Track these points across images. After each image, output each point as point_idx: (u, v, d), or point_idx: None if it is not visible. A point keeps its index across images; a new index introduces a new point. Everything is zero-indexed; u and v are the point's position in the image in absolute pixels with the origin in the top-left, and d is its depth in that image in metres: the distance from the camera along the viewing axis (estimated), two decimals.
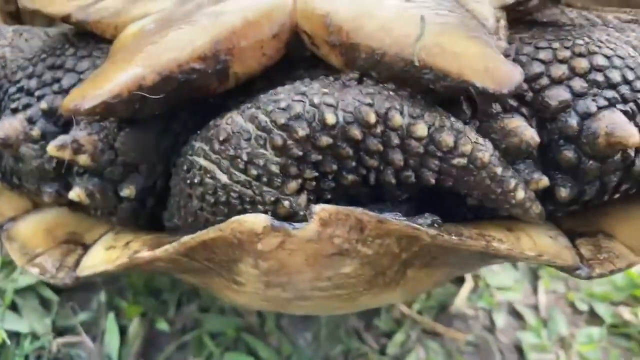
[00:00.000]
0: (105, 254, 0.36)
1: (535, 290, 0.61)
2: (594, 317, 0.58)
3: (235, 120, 0.28)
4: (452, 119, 0.30)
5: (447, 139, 0.29)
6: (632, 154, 0.30)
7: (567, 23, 0.34)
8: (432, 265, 0.32)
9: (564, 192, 0.31)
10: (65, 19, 0.35)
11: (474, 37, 0.29)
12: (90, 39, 0.36)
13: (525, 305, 0.62)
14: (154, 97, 0.28)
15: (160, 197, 0.34)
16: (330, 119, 0.28)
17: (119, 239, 0.36)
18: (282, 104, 0.29)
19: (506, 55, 0.30)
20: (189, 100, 0.30)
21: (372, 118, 0.29)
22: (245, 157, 0.29)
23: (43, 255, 0.39)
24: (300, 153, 0.29)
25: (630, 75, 0.32)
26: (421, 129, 0.29)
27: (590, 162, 0.30)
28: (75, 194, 0.33)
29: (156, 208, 0.34)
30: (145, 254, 0.31)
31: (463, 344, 0.53)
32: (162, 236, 0.35)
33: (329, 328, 0.54)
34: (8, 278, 0.55)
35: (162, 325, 0.54)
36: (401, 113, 0.29)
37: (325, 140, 0.29)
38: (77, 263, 0.38)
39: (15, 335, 0.52)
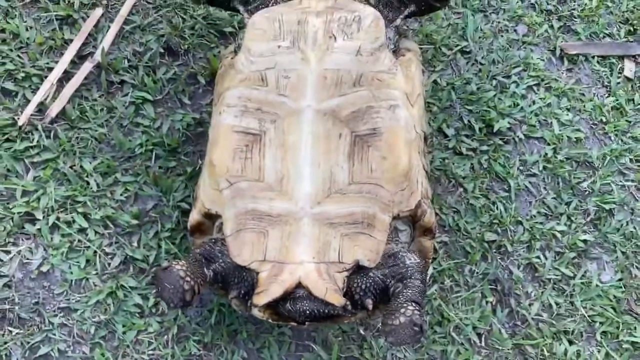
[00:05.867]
0: (258, 313, 1.28)
1: None
2: None
3: (287, 306, 1.27)
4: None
5: (327, 309, 1.27)
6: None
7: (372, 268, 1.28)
8: None
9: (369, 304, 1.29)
10: (246, 266, 1.30)
11: (336, 291, 1.25)
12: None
13: None
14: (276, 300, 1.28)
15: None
16: (307, 312, 1.20)
17: (260, 310, 1.31)
18: (298, 307, 1.23)
19: (345, 290, 1.28)
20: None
21: (315, 311, 1.20)
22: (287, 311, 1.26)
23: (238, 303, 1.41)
24: (299, 319, 1.24)
25: (375, 288, 1.26)
26: (316, 310, 1.18)
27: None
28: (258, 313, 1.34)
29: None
30: (269, 321, 1.33)
31: None
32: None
33: None
34: None
35: None
36: (318, 309, 1.24)
37: (306, 316, 1.20)
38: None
39: None
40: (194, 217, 1.38)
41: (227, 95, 1.34)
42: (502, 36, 1.97)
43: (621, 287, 1.70)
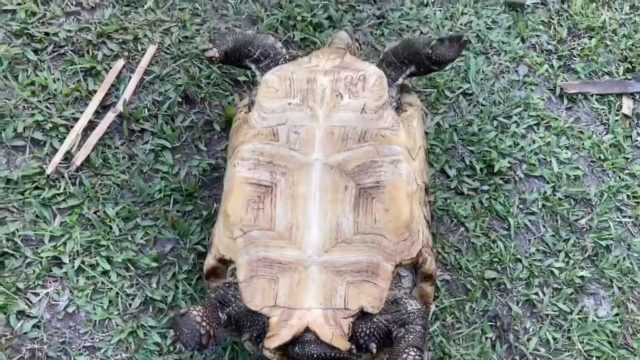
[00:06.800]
0: (270, 354, 1.36)
1: None
2: None
3: (296, 350, 1.37)
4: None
5: (333, 353, 1.35)
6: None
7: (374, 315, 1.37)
8: None
9: (373, 348, 1.36)
10: (258, 311, 1.39)
11: (341, 336, 1.34)
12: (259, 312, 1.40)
13: None
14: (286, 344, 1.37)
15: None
16: (315, 355, 1.28)
17: (271, 352, 1.39)
18: (307, 350, 1.32)
19: (351, 334, 1.36)
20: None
21: (322, 354, 1.29)
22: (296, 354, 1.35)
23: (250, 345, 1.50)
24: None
25: (379, 333, 1.35)
26: (323, 353, 1.29)
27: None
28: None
29: None
30: None
31: None
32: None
33: None
34: None
35: None
36: (325, 352, 1.30)
37: (314, 359, 1.28)
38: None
39: None
40: (209, 262, 1.48)
41: (241, 150, 1.45)
42: (503, 77, 2.06)
43: (617, 322, 1.77)
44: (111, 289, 1.61)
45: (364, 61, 1.57)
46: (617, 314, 1.78)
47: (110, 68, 1.80)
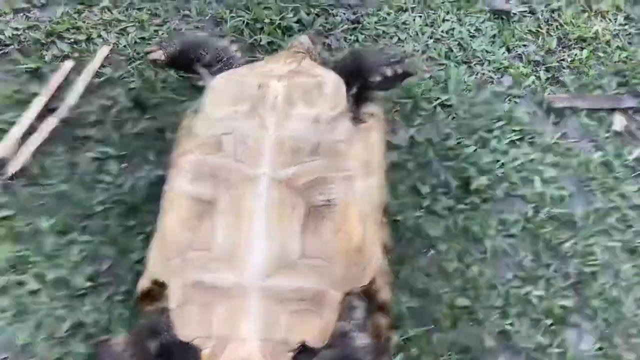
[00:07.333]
0: None
1: None
2: None
3: None
4: None
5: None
6: None
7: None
8: None
9: None
10: (189, 342, 1.26)
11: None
12: None
13: None
14: None
15: None
16: None
17: None
18: None
19: None
20: None
21: None
22: None
23: None
24: None
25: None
26: None
27: None
28: None
29: None
30: None
31: None
32: None
33: None
34: None
35: None
36: None
37: None
38: None
39: None
40: (143, 283, 1.34)
41: (181, 161, 1.32)
42: (485, 88, 1.93)
43: (601, 357, 1.63)
44: (39, 310, 1.47)
45: (322, 67, 1.43)
46: (600, 348, 1.63)
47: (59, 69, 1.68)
